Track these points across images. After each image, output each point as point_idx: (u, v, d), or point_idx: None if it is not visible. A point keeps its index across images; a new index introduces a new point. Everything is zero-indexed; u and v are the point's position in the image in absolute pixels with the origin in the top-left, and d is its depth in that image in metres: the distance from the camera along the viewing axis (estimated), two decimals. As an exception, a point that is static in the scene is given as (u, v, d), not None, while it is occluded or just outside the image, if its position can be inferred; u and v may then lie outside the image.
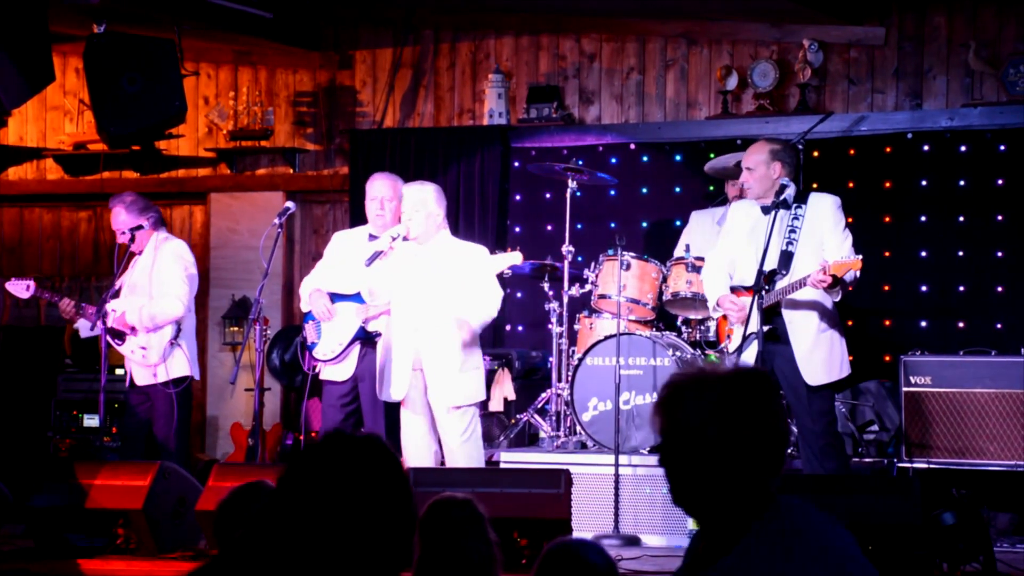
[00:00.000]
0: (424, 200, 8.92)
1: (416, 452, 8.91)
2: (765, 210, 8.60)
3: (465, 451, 8.83)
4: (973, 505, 7.67)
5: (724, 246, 8.93)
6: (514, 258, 8.86)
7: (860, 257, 8.22)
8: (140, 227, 9.83)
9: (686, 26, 11.94)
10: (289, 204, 9.55)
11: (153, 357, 9.69)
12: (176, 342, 9.73)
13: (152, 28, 11.62)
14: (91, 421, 12.10)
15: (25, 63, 10.27)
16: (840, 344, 8.71)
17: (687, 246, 10.31)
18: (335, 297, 9.44)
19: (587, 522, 9.14)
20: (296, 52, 12.85)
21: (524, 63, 12.47)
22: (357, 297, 9.39)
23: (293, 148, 13.07)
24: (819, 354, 8.59)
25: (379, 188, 9.51)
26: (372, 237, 9.47)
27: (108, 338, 9.80)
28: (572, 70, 12.31)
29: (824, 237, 8.60)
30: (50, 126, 13.73)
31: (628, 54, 12.16)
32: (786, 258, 8.54)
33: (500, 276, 9.06)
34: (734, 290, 8.74)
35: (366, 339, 9.37)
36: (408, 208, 8.92)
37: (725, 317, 8.80)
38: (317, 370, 9.53)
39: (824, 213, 8.65)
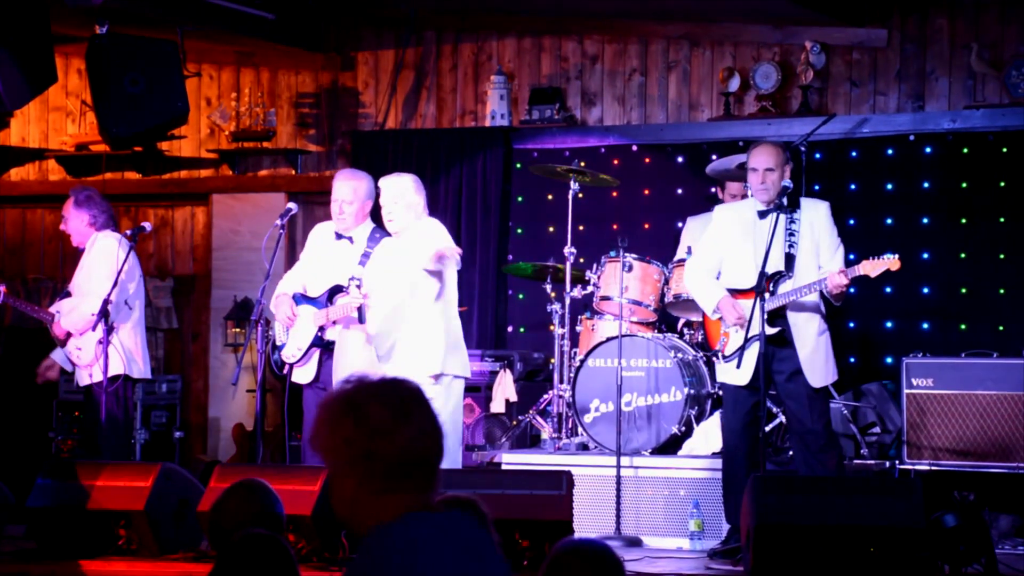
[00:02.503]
0: (403, 191, 8.90)
1: None
2: (761, 214, 8.61)
3: None
4: (975, 507, 7.69)
5: (712, 248, 8.84)
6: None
7: (897, 256, 8.32)
8: (64, 219, 9.95)
9: (688, 28, 11.96)
10: (291, 205, 9.51)
11: (86, 357, 9.65)
12: (105, 340, 9.53)
13: (154, 29, 11.63)
14: (91, 422, 12.14)
15: (27, 64, 10.31)
16: (831, 348, 8.76)
17: (688, 248, 10.32)
18: (302, 299, 9.35)
19: (588, 523, 9.15)
20: (298, 53, 12.85)
21: (526, 64, 12.48)
22: (317, 302, 9.29)
23: (295, 149, 13.08)
24: (819, 357, 8.61)
25: (340, 191, 9.32)
26: (338, 236, 9.40)
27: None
28: (574, 71, 12.32)
29: (820, 242, 8.63)
30: (52, 127, 13.74)
31: (630, 55, 12.17)
32: (789, 260, 8.57)
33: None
34: (730, 292, 8.70)
35: (323, 346, 9.28)
36: (387, 200, 8.88)
37: (720, 320, 8.75)
38: (286, 371, 9.46)
39: (820, 218, 8.70)
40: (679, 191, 11.93)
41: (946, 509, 7.57)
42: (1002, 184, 11.07)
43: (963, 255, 11.05)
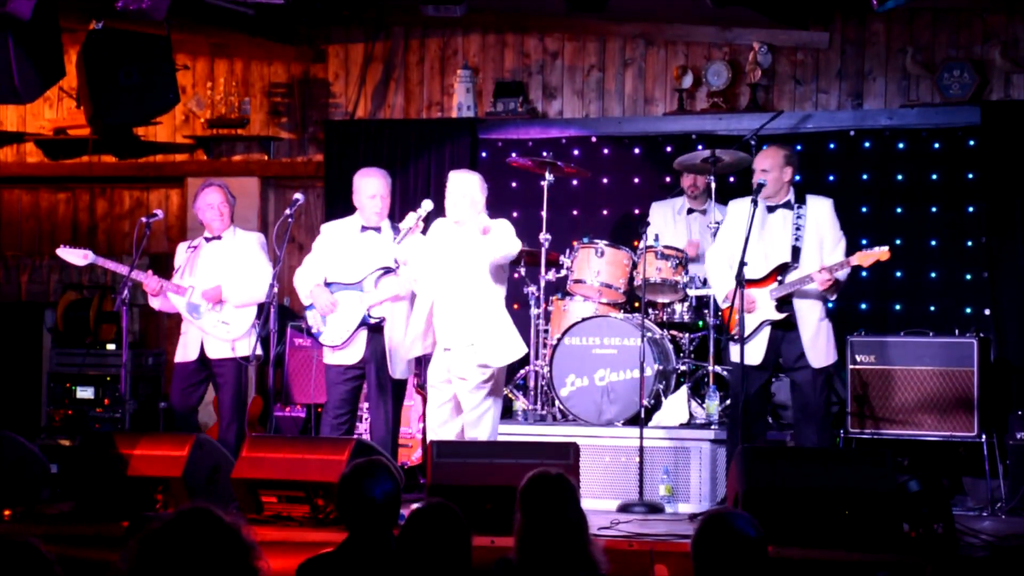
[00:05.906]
0: (469, 188, 9.47)
1: (438, 425, 9.53)
2: (770, 208, 9.52)
3: (472, 430, 9.38)
4: (936, 475, 8.47)
5: (725, 241, 9.72)
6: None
7: (887, 248, 9.26)
8: (224, 210, 10.56)
9: (643, 27, 12.60)
10: (298, 196, 10.02)
11: (235, 332, 10.27)
12: (256, 322, 10.29)
13: (141, 23, 11.94)
14: (84, 393, 12.65)
15: (40, 58, 10.65)
16: (832, 332, 9.68)
17: (656, 235, 11.00)
18: (336, 286, 9.96)
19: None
20: (271, 45, 13.31)
21: (491, 59, 13.07)
22: (358, 286, 9.92)
23: (268, 136, 13.57)
24: (821, 340, 9.56)
25: (382, 187, 10.00)
26: (364, 228, 10.04)
27: (184, 313, 10.40)
28: (536, 67, 12.96)
29: (824, 237, 9.57)
30: (30, 111, 14.05)
31: (589, 53, 12.82)
32: (795, 253, 9.52)
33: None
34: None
35: (371, 326, 9.90)
36: (454, 194, 9.47)
37: (731, 307, 9.51)
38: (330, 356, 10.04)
39: (824, 215, 9.63)
40: (636, 180, 12.65)
41: (910, 476, 8.32)
42: (934, 177, 11.91)
43: (898, 241, 11.62)
